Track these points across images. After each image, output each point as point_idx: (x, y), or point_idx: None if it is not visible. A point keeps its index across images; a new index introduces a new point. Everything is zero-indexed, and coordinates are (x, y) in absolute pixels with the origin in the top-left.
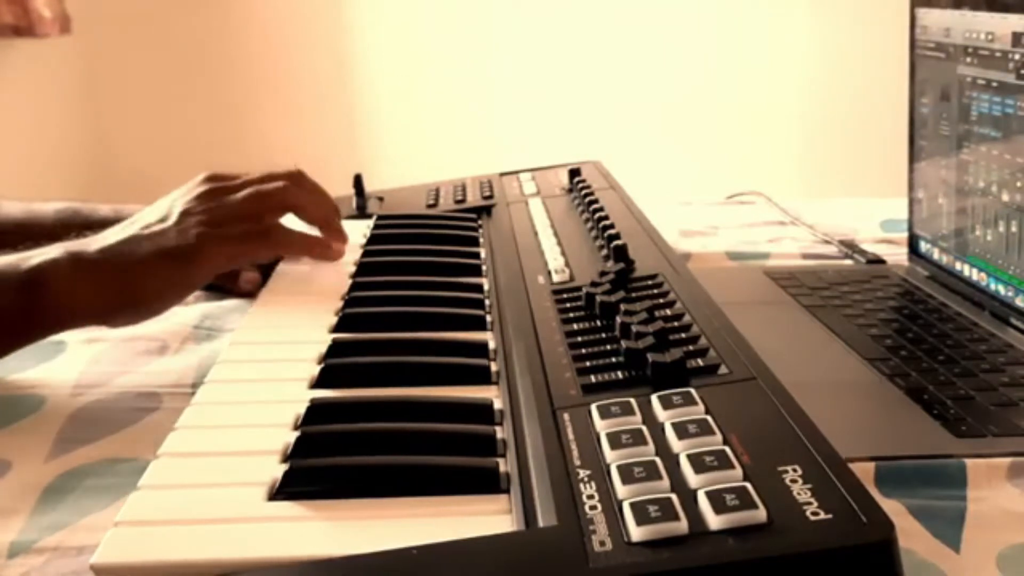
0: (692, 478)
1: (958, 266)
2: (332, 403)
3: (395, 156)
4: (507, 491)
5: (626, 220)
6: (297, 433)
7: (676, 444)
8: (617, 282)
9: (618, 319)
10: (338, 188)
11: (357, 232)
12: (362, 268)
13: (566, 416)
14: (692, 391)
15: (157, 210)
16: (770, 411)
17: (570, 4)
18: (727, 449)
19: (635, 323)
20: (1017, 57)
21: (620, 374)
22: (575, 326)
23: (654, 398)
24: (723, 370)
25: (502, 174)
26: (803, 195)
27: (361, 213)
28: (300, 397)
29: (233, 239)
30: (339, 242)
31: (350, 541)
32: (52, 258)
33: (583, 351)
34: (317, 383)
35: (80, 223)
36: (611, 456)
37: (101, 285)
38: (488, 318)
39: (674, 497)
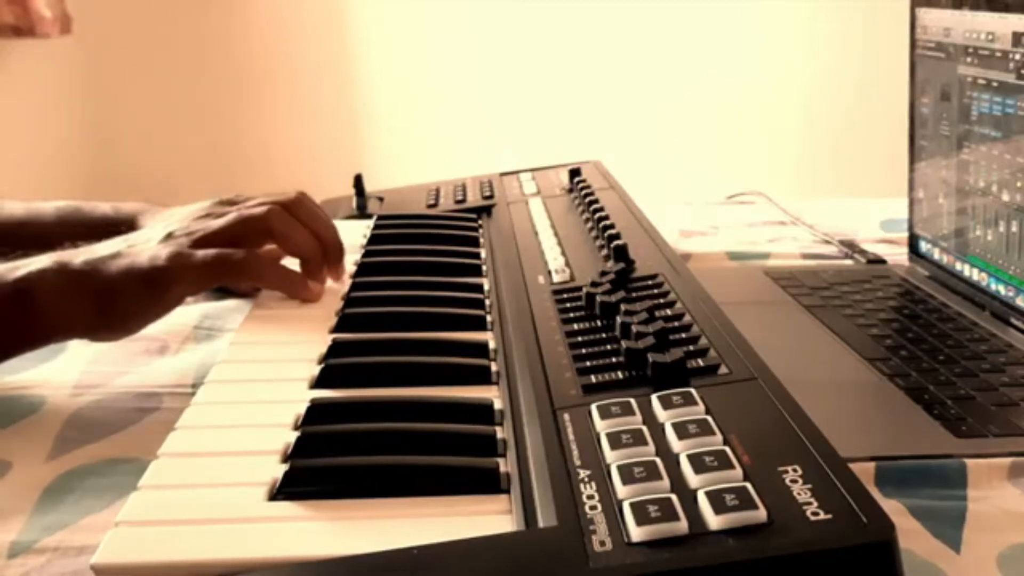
0: (692, 478)
1: (958, 266)
2: (332, 403)
3: (395, 156)
4: (507, 491)
5: (626, 220)
6: (297, 433)
7: (676, 444)
8: (617, 282)
9: (618, 319)
10: (338, 188)
11: (357, 232)
12: (362, 268)
13: (566, 416)
14: (692, 391)
15: (155, 226)
16: (770, 411)
17: (570, 4)
18: (727, 449)
19: (635, 323)
20: (1017, 57)
21: (620, 374)
22: (575, 326)
23: (654, 398)
24: (723, 370)
25: (502, 174)
26: (803, 195)
27: (361, 213)
28: (300, 397)
29: (203, 265)
30: (318, 280)
31: (350, 541)
32: (39, 268)
33: (583, 351)
34: (317, 383)
35: (81, 221)
36: (611, 456)
37: (80, 299)
38: (488, 318)
39: (674, 497)
